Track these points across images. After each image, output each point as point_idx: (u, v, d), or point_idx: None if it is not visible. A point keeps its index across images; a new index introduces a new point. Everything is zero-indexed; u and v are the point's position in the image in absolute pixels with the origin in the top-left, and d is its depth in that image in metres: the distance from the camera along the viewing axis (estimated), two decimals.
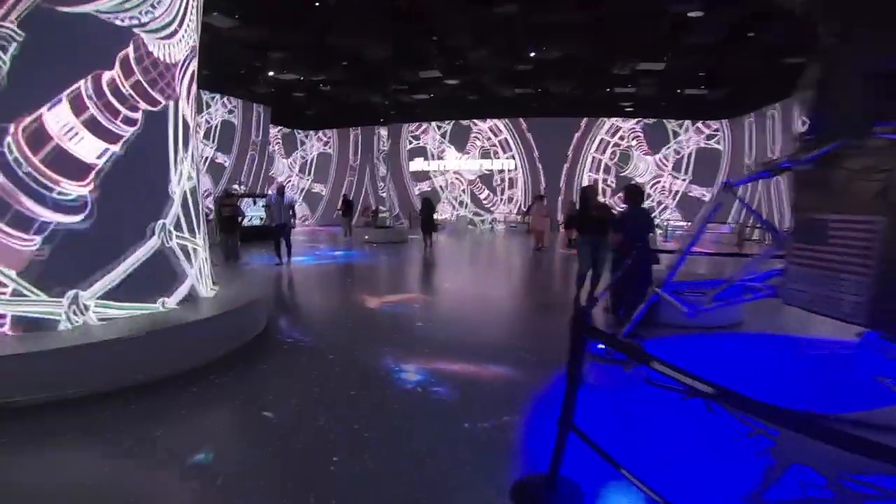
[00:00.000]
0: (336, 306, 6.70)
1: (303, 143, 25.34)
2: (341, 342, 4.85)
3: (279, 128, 23.99)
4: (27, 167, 3.72)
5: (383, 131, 23.95)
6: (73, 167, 3.92)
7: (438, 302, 7.02)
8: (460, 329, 5.40)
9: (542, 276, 10.06)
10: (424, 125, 23.14)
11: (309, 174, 25.11)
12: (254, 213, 15.78)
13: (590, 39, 12.28)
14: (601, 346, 4.16)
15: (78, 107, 3.91)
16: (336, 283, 8.70)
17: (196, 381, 3.74)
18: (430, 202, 14.03)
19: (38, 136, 3.75)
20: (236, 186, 17.01)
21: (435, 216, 14.35)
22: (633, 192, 5.47)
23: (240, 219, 10.22)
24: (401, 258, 12.50)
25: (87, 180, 3.99)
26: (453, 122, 22.72)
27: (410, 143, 23.56)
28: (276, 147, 24.04)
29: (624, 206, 5.59)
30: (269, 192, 12.35)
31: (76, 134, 3.92)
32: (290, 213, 10.04)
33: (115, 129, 4.13)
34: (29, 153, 3.72)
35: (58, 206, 3.85)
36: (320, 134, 25.19)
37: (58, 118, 3.83)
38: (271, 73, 16.59)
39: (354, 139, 24.59)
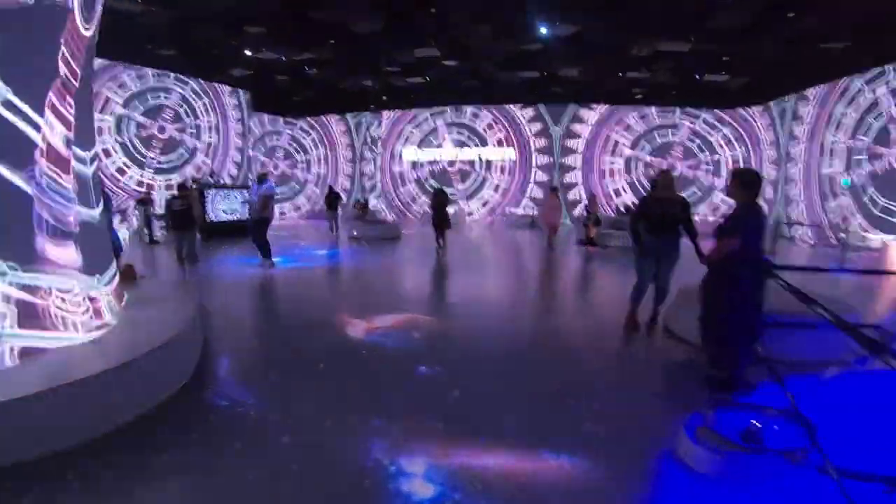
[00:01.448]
0: (303, 336, 5.00)
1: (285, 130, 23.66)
2: (306, 406, 3.32)
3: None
4: None
5: (372, 117, 22.32)
6: None
7: (446, 329, 5.32)
8: (484, 377, 3.88)
9: (573, 285, 8.56)
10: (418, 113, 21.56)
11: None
12: (226, 207, 14.10)
13: (607, 15, 10.77)
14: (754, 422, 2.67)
15: None
16: (310, 296, 7.03)
17: (44, 481, 2.27)
18: (443, 193, 11.24)
19: None
20: (197, 176, 15.27)
21: (449, 210, 11.57)
22: (751, 179, 3.79)
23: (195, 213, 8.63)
24: (394, 260, 10.93)
25: None
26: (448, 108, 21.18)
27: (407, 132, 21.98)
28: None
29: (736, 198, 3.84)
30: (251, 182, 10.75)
31: None
32: (265, 205, 8.42)
33: None
34: None
35: None
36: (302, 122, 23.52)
37: None
38: (248, 52, 14.89)
39: (344, 126, 22.96)
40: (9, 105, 2.95)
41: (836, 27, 10.89)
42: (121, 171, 15.00)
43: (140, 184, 15.06)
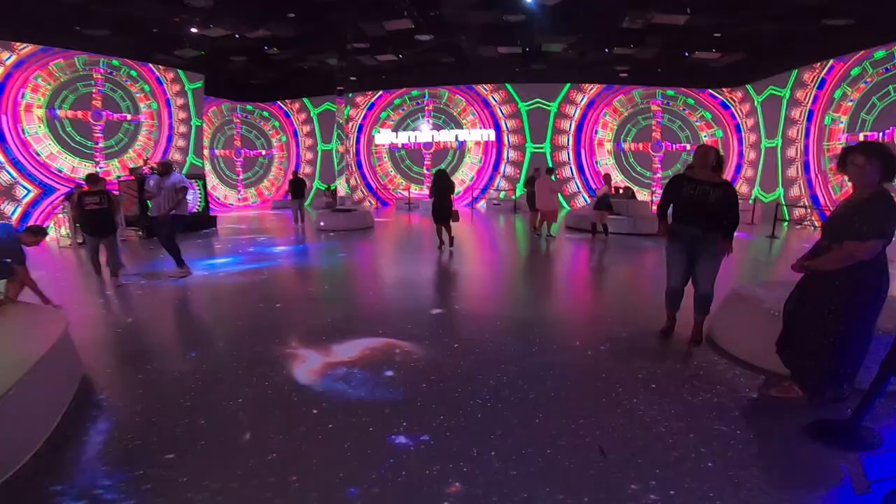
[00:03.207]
0: (230, 378, 3.54)
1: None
2: None
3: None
4: None
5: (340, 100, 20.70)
6: None
7: (432, 359, 3.88)
8: (490, 457, 2.59)
9: (595, 288, 7.32)
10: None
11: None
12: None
13: None
14: None
15: None
16: (253, 311, 5.38)
17: None
18: (445, 176, 9.32)
19: None
20: (137, 165, 13.41)
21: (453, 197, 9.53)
22: (892, 158, 2.60)
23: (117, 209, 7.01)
24: (366, 255, 9.51)
25: None
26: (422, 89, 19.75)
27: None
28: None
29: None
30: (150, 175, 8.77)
31: None
32: (175, 200, 6.73)
33: None
34: None
35: None
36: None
37: None
38: (194, 30, 13.14)
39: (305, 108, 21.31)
40: None
41: (837, 2, 9.98)
42: (53, 157, 13.12)
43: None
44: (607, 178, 11.69)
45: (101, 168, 13.79)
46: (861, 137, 12.31)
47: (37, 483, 2.25)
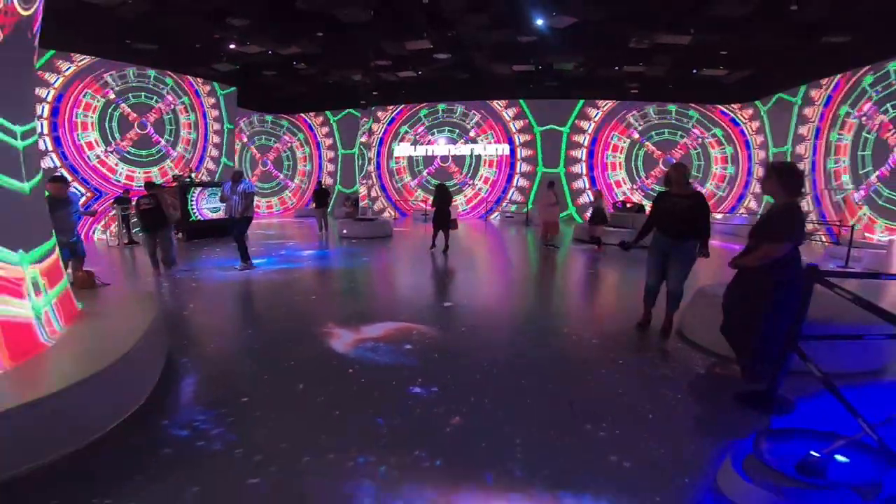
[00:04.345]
0: (283, 348, 4.41)
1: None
2: (281, 438, 2.83)
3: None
4: None
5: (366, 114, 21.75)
6: None
7: (442, 339, 4.74)
8: (484, 404, 3.40)
9: (582, 290, 8.11)
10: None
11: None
12: (211, 206, 13.49)
13: (609, 4, 10.33)
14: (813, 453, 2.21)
15: None
16: (292, 301, 6.39)
17: None
18: (445, 189, 10.69)
19: None
20: (179, 174, 14.61)
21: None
22: (796, 176, 3.33)
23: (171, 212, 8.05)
24: (386, 260, 10.41)
25: None
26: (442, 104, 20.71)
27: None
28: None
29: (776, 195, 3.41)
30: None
31: None
32: (245, 204, 7.93)
33: None
34: None
35: None
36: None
37: None
38: (233, 46, 14.29)
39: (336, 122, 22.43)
40: None
41: (838, 20, 10.57)
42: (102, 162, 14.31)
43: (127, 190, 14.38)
44: (599, 193, 12.74)
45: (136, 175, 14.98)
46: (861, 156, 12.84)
47: (150, 419, 3.08)
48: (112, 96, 14.41)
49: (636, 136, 19.48)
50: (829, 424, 2.68)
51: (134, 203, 8.23)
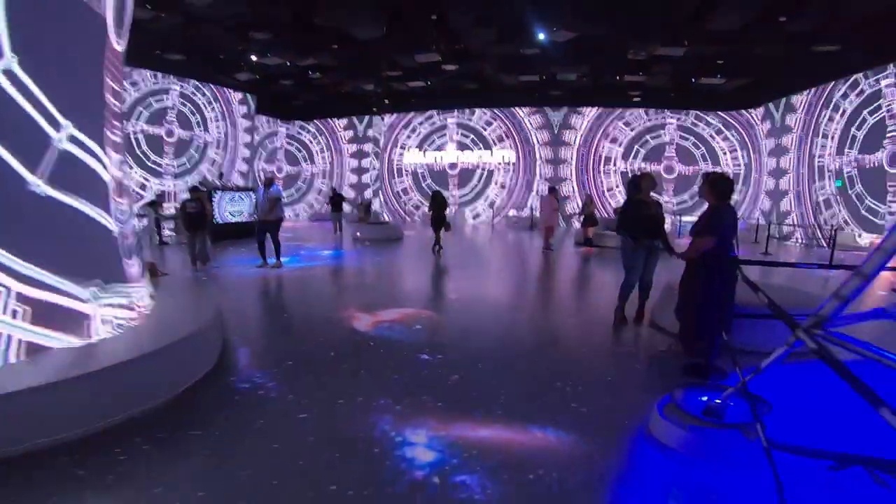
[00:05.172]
0: (315, 328, 5.40)
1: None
2: (320, 388, 3.69)
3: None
4: None
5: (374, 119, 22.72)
6: None
7: (446, 321, 5.76)
8: (477, 367, 4.24)
9: (568, 284, 8.92)
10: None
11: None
12: (233, 209, 14.48)
13: (606, 19, 11.13)
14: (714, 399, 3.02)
15: None
16: (318, 292, 7.44)
17: (91, 455, 2.66)
18: (441, 196, 11.92)
19: None
20: (208, 179, 15.65)
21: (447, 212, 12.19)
22: (723, 184, 4.16)
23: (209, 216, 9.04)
24: (396, 259, 11.33)
25: None
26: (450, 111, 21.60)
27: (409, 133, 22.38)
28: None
29: (710, 201, 4.21)
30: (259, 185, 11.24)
31: None
32: (278, 207, 8.84)
33: None
34: None
35: None
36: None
37: None
38: (254, 58, 15.30)
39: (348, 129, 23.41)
40: (75, 140, 3.35)
41: (827, 29, 11.24)
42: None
43: (142, 186, 15.38)
44: (589, 198, 13.99)
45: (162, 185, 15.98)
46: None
47: (220, 377, 3.93)
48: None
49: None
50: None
51: (180, 205, 9.21)
